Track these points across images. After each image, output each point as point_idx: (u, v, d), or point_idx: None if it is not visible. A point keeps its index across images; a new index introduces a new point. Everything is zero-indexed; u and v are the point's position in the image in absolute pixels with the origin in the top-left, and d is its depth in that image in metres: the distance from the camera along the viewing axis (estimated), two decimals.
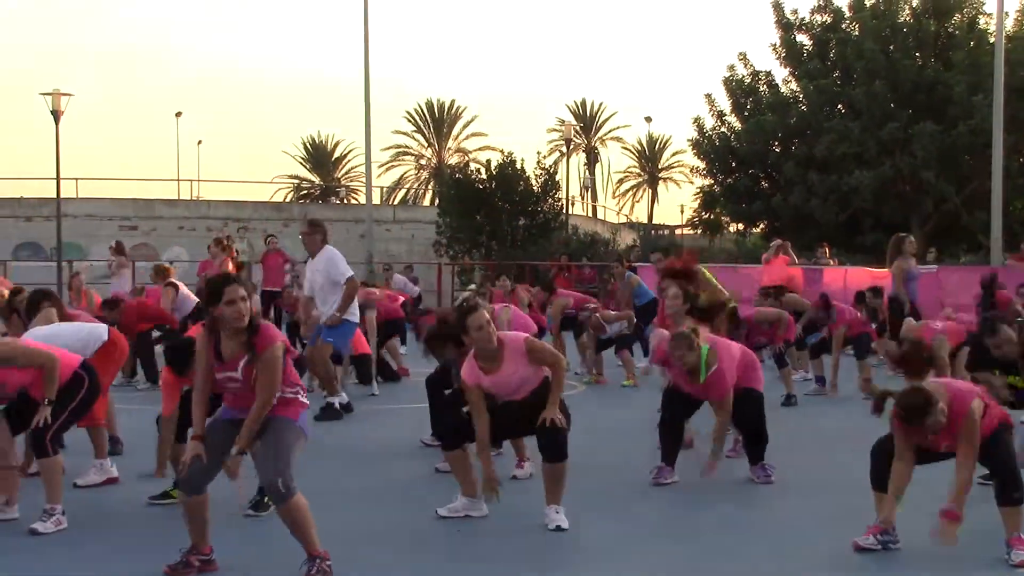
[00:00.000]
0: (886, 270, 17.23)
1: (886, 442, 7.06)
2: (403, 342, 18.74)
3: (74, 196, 42.28)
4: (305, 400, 6.59)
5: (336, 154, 79.24)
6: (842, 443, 11.09)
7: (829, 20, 36.05)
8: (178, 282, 16.51)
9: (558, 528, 7.51)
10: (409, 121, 77.08)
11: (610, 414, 13.15)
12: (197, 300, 15.55)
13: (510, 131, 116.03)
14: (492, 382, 7.69)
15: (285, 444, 6.29)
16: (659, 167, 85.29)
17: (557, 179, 40.61)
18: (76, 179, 44.04)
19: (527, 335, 8.10)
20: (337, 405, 12.59)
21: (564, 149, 57.36)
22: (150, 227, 40.38)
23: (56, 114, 34.13)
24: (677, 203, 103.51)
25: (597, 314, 16.16)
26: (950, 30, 35.21)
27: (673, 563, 6.99)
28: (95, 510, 8.21)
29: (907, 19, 35.32)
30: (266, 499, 7.82)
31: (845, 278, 23.13)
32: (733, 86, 36.57)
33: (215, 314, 6.41)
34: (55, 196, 34.65)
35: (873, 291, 16.67)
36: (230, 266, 18.12)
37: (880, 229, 33.66)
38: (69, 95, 34.50)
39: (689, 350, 8.87)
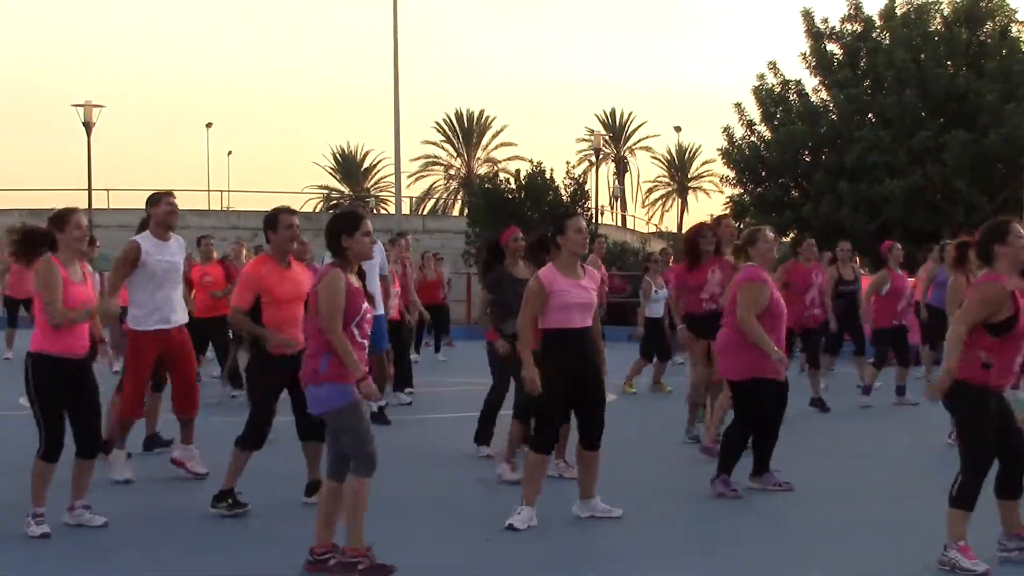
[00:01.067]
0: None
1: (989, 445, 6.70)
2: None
3: (106, 207, 42.53)
4: None
5: (365, 164, 79.56)
6: (878, 450, 11.04)
7: (860, 29, 35.86)
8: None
9: (616, 517, 7.86)
10: (438, 131, 77.36)
11: (644, 423, 13.14)
12: None
13: (539, 141, 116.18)
14: (568, 287, 7.73)
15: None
16: (689, 176, 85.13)
17: (586, 189, 40.61)
18: (108, 190, 44.39)
19: None
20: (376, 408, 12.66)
21: (593, 159, 57.41)
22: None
23: (88, 125, 34.41)
24: (707, 212, 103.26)
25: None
26: (982, 38, 34.95)
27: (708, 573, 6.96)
28: (153, 512, 8.25)
29: (938, 28, 35.10)
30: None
31: None
32: (763, 95, 36.40)
33: (346, 244, 6.43)
34: (87, 207, 34.87)
35: None
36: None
37: (911, 238, 33.42)
38: (101, 106, 34.82)
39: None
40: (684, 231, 12.69)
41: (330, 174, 78.77)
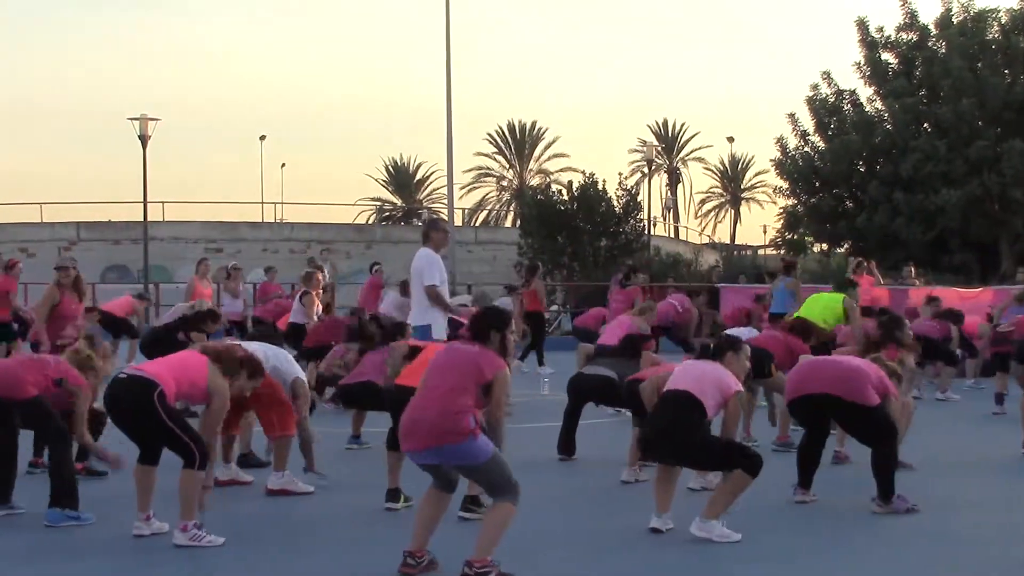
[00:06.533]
0: (976, 290, 16.93)
1: None
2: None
3: (161, 219, 42.98)
4: None
5: (418, 176, 79.82)
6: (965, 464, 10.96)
7: (915, 38, 35.56)
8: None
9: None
10: (491, 143, 77.50)
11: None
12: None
13: (592, 152, 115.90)
14: None
15: None
16: (742, 187, 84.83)
17: (639, 200, 40.54)
18: (163, 203, 44.88)
19: None
20: None
21: (646, 170, 57.23)
22: (235, 249, 40.86)
23: (143, 138, 34.67)
24: (760, 223, 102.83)
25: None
26: None
27: None
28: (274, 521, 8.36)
29: (995, 36, 34.73)
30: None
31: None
32: (817, 105, 36.20)
33: None
34: (142, 219, 35.17)
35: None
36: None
37: (968, 249, 33.08)
38: (156, 120, 35.05)
39: None
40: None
41: (383, 186, 79.14)
